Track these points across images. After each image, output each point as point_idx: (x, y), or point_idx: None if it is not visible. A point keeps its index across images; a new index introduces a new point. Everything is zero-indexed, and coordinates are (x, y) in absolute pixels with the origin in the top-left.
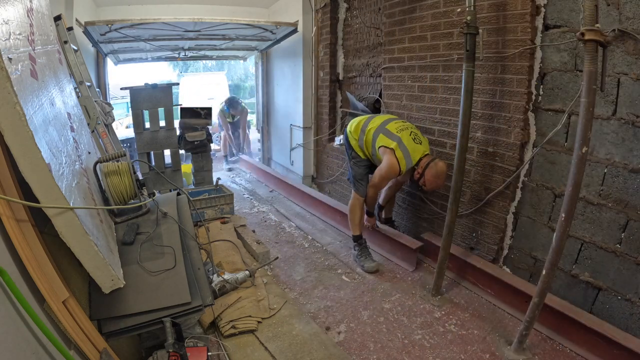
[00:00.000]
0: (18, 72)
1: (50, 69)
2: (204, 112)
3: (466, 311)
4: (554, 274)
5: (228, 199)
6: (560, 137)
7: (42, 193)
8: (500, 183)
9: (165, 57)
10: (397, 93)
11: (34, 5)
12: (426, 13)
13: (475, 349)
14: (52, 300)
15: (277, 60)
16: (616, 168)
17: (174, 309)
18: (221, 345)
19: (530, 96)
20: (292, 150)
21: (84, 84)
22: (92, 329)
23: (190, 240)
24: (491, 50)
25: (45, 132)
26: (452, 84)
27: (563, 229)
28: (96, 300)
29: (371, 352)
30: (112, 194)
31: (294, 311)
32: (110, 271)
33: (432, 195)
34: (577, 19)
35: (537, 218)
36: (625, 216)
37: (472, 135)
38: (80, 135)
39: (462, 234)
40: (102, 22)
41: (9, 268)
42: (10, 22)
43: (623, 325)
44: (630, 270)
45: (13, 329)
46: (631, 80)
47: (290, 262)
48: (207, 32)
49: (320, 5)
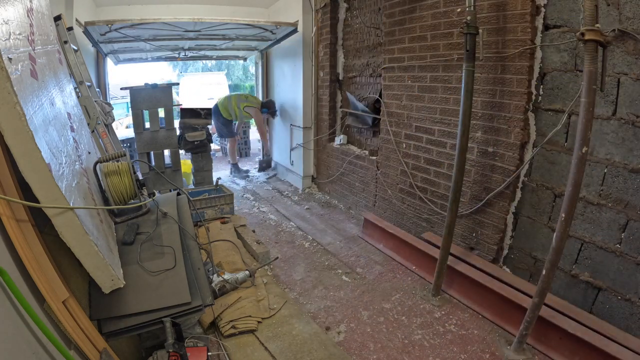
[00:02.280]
0: (18, 72)
1: (50, 69)
2: (204, 112)
3: (466, 311)
4: (554, 274)
5: (228, 199)
6: (560, 137)
7: (42, 193)
8: (500, 183)
9: (165, 57)
10: (397, 93)
11: (34, 5)
12: (426, 13)
13: (475, 349)
14: (52, 300)
15: (277, 60)
16: (616, 168)
17: (174, 309)
18: (221, 345)
19: (530, 96)
20: (292, 150)
21: (84, 84)
22: (92, 329)
23: (190, 240)
24: (491, 50)
25: (45, 132)
26: (452, 84)
27: (563, 229)
28: (96, 300)
29: (371, 352)
30: (112, 194)
31: (294, 311)
32: (110, 271)
33: (432, 195)
34: (577, 19)
35: (537, 218)
36: (625, 216)
37: (472, 135)
38: (80, 135)
39: (462, 234)
40: (102, 22)
41: (9, 268)
42: (10, 22)
43: (623, 325)
44: (630, 270)
45: (13, 329)
46: (631, 80)
47: (290, 262)
48: (207, 32)
49: (320, 5)
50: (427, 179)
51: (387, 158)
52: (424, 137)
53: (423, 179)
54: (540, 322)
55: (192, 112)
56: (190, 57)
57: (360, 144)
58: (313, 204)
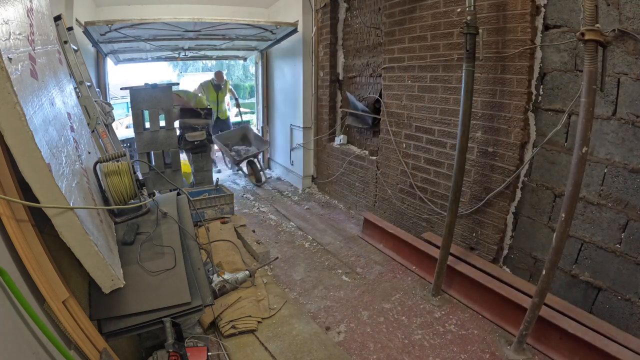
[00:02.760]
0: (18, 72)
1: (50, 69)
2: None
3: (466, 311)
4: (554, 274)
5: (228, 199)
6: (560, 137)
7: (42, 193)
8: (500, 183)
9: (165, 57)
10: (397, 93)
11: (34, 5)
12: (426, 13)
13: (475, 349)
14: (52, 300)
15: (277, 60)
16: (616, 168)
17: (174, 309)
18: (221, 345)
19: (530, 96)
20: (292, 151)
21: (84, 84)
22: (92, 329)
23: (190, 240)
24: (491, 50)
25: (45, 132)
26: (452, 84)
27: (563, 229)
28: (96, 300)
29: (371, 352)
30: (112, 194)
31: (294, 311)
32: (110, 271)
33: (432, 195)
34: (577, 19)
35: (537, 218)
36: (625, 216)
37: (472, 135)
38: (80, 135)
39: (462, 234)
40: (102, 22)
41: (9, 268)
42: (10, 22)
43: (623, 325)
44: (630, 270)
45: (13, 329)
46: (631, 80)
47: (290, 262)
48: (207, 32)
49: (320, 5)
50: (427, 179)
51: (387, 158)
52: (424, 137)
53: (423, 179)
54: (540, 322)
55: (192, 112)
56: (190, 57)
57: (360, 144)
58: (313, 204)
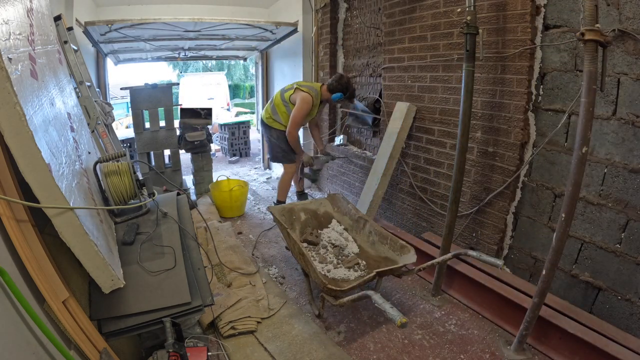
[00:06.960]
0: (18, 72)
1: (50, 69)
2: (204, 112)
3: (466, 311)
4: (554, 274)
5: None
6: (560, 137)
7: (42, 193)
8: (501, 183)
9: (165, 57)
10: (397, 93)
11: (34, 5)
12: (426, 13)
13: (475, 349)
14: (52, 300)
15: (277, 60)
16: (616, 168)
17: (174, 309)
18: (221, 345)
19: (530, 96)
20: None
21: (84, 84)
22: (92, 329)
23: (190, 240)
24: (491, 50)
25: (45, 132)
26: (452, 84)
27: (563, 229)
28: (96, 300)
29: (371, 352)
30: (112, 194)
31: (293, 311)
32: (110, 271)
33: (432, 195)
34: (577, 19)
35: (537, 218)
36: (625, 216)
37: (472, 135)
38: (80, 135)
39: (462, 234)
40: (102, 22)
41: (9, 268)
42: (10, 22)
43: (623, 325)
44: (630, 270)
45: (13, 329)
46: (631, 80)
47: (290, 262)
48: (207, 32)
49: (320, 5)
50: (427, 179)
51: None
52: (423, 137)
53: (423, 179)
54: (540, 322)
55: (192, 112)
56: (190, 57)
57: (360, 144)
58: None
